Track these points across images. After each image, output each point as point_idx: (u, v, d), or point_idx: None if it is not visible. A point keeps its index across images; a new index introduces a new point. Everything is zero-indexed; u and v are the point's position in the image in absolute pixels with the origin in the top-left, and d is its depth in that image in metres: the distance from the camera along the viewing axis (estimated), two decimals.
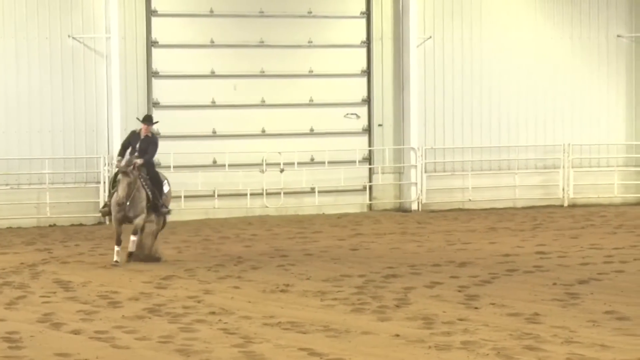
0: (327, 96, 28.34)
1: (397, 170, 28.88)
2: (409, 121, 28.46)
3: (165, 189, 20.33)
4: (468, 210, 28.13)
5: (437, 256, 19.95)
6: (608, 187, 29.92)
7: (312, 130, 28.23)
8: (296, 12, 28.11)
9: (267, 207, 27.54)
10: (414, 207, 28.38)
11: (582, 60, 30.13)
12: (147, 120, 20.32)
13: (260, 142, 27.71)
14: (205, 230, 24.56)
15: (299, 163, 27.65)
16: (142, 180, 19.55)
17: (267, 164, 27.53)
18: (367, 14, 28.78)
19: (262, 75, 27.95)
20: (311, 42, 28.30)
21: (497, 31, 29.36)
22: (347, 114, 28.73)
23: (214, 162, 27.22)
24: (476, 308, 14.81)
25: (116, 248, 19.33)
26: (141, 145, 19.80)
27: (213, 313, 14.53)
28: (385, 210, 28.38)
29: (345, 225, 25.20)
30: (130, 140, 20.05)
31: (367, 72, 28.81)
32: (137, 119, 20.96)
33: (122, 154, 19.97)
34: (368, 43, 28.80)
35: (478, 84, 29.14)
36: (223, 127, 27.49)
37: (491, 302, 15.12)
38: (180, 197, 26.28)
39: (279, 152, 27.40)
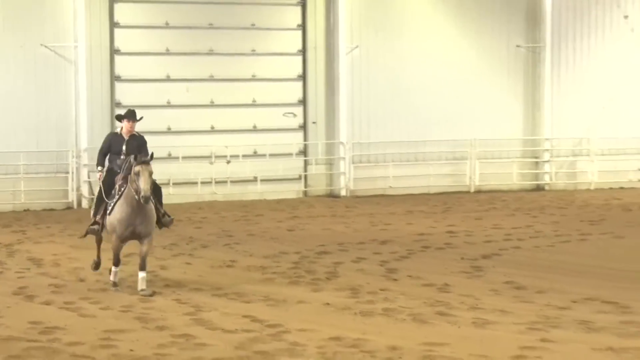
0: (268, 97, 28.28)
1: (329, 162, 28.89)
2: (338, 119, 28.51)
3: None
4: (389, 196, 28.17)
5: (362, 235, 19.99)
6: (508, 175, 30.07)
7: (254, 127, 28.17)
8: (241, 24, 28.03)
9: (215, 193, 27.45)
10: (343, 193, 28.43)
11: (487, 67, 30.27)
12: (131, 116, 14.39)
13: (210, 137, 27.59)
14: None
15: (243, 155, 27.59)
16: None
17: (215, 157, 27.48)
18: (303, 27, 28.76)
19: (211, 79, 27.85)
20: (254, 50, 28.23)
21: (415, 41, 29.40)
22: (285, 113, 28.69)
23: (169, 154, 27.02)
24: (395, 280, 14.88)
25: (114, 269, 14.23)
26: (129, 147, 14.19)
27: (168, 286, 14.49)
28: (318, 196, 28.36)
29: (283, 209, 25.16)
30: (111, 144, 14.42)
31: (303, 77, 28.77)
32: (117, 117, 14.83)
33: (102, 162, 14.47)
34: (303, 51, 28.79)
35: (398, 87, 29.16)
36: (177, 124, 27.35)
37: (408, 274, 15.21)
38: None
39: (226, 146, 27.34)
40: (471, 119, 29.72)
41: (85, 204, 25.49)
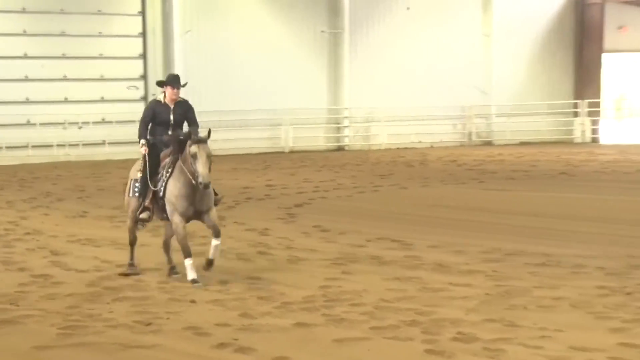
0: (114, 73, 27.96)
1: None
2: None
3: None
4: (218, 156, 28.08)
5: None
6: (315, 138, 30.47)
7: (102, 98, 27.76)
8: (89, 10, 27.64)
9: (69, 155, 26.95)
10: None
11: (297, 48, 30.54)
12: (173, 81, 10.83)
13: (64, 107, 27.09)
14: (21, 173, 23.67)
15: (93, 122, 27.23)
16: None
17: (68, 123, 27.01)
18: (143, 12, 28.49)
19: (64, 57, 27.33)
20: (100, 33, 27.82)
21: (239, 26, 29.51)
22: (129, 86, 28.30)
23: (28, 121, 26.49)
24: (223, 226, 14.84)
25: (189, 262, 10.28)
26: (176, 114, 10.71)
27: (28, 234, 14.08)
28: None
29: (128, 168, 24.73)
30: (155, 112, 10.75)
31: (144, 56, 28.47)
32: (158, 83, 11.07)
33: (145, 134, 10.75)
34: (144, 34, 28.47)
35: (226, 65, 29.14)
36: (34, 95, 26.73)
37: (234, 221, 15.21)
38: (1, 148, 26.18)
39: (78, 114, 26.91)
40: (286, 91, 29.91)
41: None
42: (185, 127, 10.76)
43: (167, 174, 10.42)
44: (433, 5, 32.19)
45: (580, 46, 34.56)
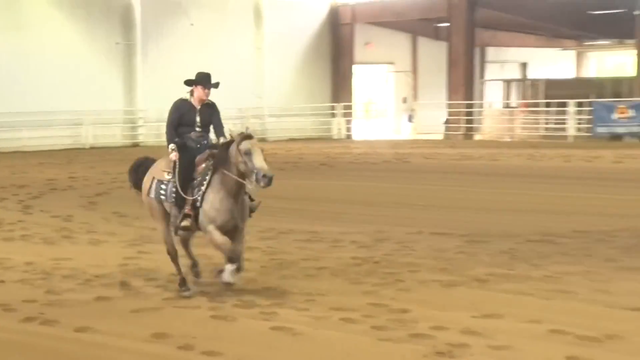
0: None
1: None
2: None
3: None
4: (25, 152, 26.91)
5: (3, 182, 18.73)
6: (113, 136, 29.92)
7: None
8: None
9: None
10: None
11: (97, 58, 29.90)
12: (204, 81, 8.42)
13: None
14: None
15: None
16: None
17: None
18: None
19: None
20: None
21: (45, 38, 28.52)
22: None
23: None
24: (30, 214, 14.18)
25: (232, 267, 7.95)
26: (202, 116, 8.35)
27: None
28: None
29: None
30: (182, 113, 8.31)
31: None
32: (187, 82, 8.45)
33: (173, 137, 8.26)
34: None
35: (32, 70, 27.98)
36: None
37: (40, 209, 14.56)
38: None
39: None
40: (86, 95, 29.18)
41: None
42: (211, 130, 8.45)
43: (206, 183, 7.99)
44: (213, 22, 32.30)
45: (336, 59, 35.72)
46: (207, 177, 8.01)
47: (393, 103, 38.39)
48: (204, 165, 8.11)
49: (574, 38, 41.03)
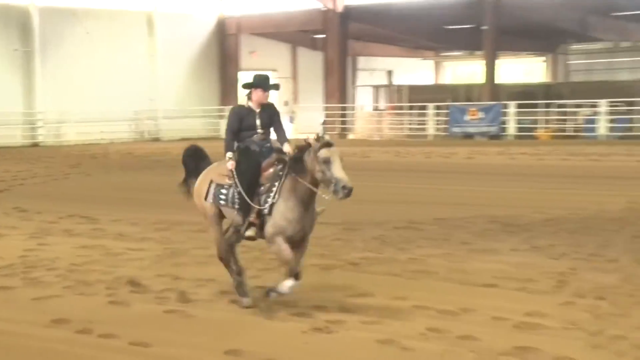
0: None
1: None
2: None
3: None
4: None
5: None
6: (13, 136, 28.83)
7: None
8: None
9: None
10: None
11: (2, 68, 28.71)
12: (263, 83, 6.99)
13: None
14: None
15: None
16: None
17: None
18: None
19: None
20: None
21: None
22: None
23: None
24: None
25: (291, 283, 6.66)
26: (262, 119, 6.97)
27: None
28: None
29: None
30: (241, 118, 6.93)
31: None
32: (245, 85, 7.07)
33: (229, 145, 6.93)
34: None
35: None
36: None
37: None
38: None
39: None
40: None
41: None
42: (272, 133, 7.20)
43: (275, 189, 6.72)
44: (107, 30, 31.58)
45: (223, 65, 35.60)
46: (277, 184, 6.72)
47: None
48: (271, 170, 6.82)
49: (432, 49, 42.37)
